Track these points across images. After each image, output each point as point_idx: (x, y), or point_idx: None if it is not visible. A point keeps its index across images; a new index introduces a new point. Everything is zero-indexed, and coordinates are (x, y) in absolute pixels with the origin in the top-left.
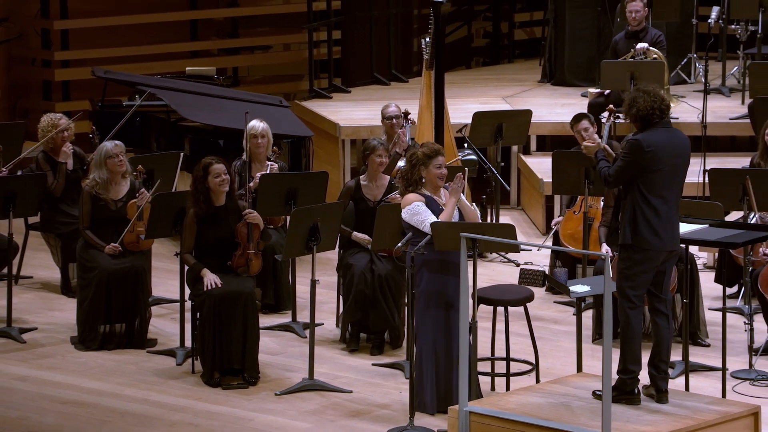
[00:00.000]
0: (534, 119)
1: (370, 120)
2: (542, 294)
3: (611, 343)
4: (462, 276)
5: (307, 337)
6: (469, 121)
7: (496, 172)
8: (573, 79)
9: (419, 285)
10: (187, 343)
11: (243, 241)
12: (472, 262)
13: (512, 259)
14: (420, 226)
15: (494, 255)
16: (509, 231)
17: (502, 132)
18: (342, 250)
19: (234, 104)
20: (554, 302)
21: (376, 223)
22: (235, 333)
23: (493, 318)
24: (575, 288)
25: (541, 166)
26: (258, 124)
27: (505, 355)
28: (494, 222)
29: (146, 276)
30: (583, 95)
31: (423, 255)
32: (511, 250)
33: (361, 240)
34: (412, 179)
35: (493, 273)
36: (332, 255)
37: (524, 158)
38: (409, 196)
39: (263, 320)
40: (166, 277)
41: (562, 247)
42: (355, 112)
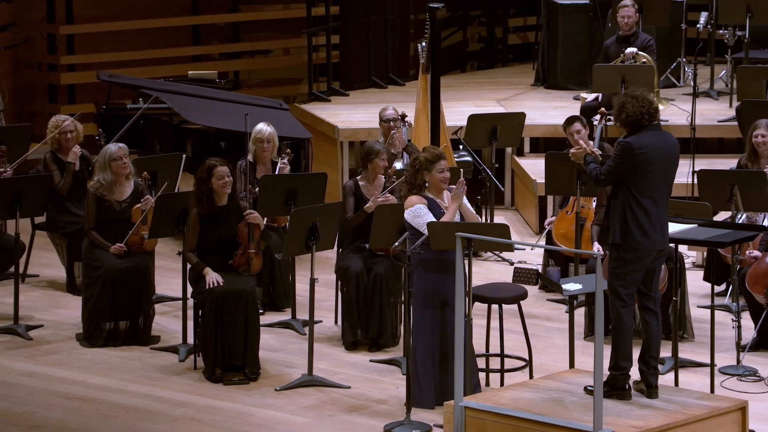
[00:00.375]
0: (527, 122)
1: (368, 122)
2: (536, 292)
3: (603, 339)
4: (458, 274)
5: (306, 334)
6: (464, 123)
7: (490, 173)
8: (565, 83)
9: (416, 284)
10: (190, 340)
11: (244, 240)
12: (467, 261)
13: (506, 258)
14: (421, 228)
15: (489, 254)
16: (503, 231)
17: (496, 134)
18: (340, 249)
19: (235, 107)
20: (547, 300)
21: (374, 222)
22: (236, 330)
23: (488, 315)
24: (568, 286)
25: (535, 167)
26: (266, 129)
27: (499, 351)
28: (489, 222)
29: (150, 275)
30: (575, 98)
31: (420, 254)
32: (506, 249)
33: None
34: (416, 183)
35: (487, 272)
36: (331, 254)
37: (518, 160)
38: (412, 198)
39: (263, 318)
40: (169, 275)
41: (555, 246)
42: (353, 114)
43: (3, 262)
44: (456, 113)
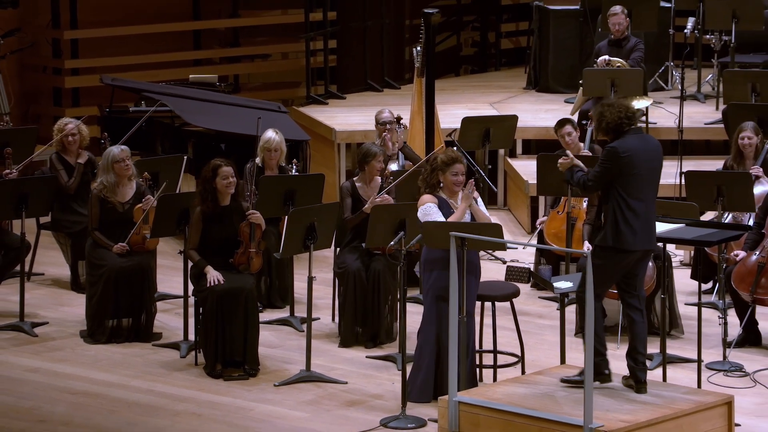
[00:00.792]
0: (519, 124)
1: (365, 125)
2: (528, 290)
3: (593, 336)
4: (452, 273)
5: (304, 331)
6: (458, 125)
7: (483, 174)
8: (556, 86)
9: (428, 282)
10: (191, 337)
11: (245, 239)
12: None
13: (499, 257)
14: None
15: (482, 253)
16: (496, 230)
17: (489, 136)
18: (338, 249)
19: (235, 110)
20: (539, 298)
21: (370, 222)
22: (236, 327)
23: (481, 313)
24: (559, 284)
25: (527, 168)
26: (274, 138)
27: (492, 347)
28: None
29: (152, 273)
30: (567, 101)
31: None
32: (498, 248)
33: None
34: (431, 182)
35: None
36: (328, 253)
37: (510, 161)
38: (425, 197)
39: (262, 315)
40: (170, 274)
41: (547, 245)
42: (350, 117)
43: (9, 261)
44: (450, 116)
